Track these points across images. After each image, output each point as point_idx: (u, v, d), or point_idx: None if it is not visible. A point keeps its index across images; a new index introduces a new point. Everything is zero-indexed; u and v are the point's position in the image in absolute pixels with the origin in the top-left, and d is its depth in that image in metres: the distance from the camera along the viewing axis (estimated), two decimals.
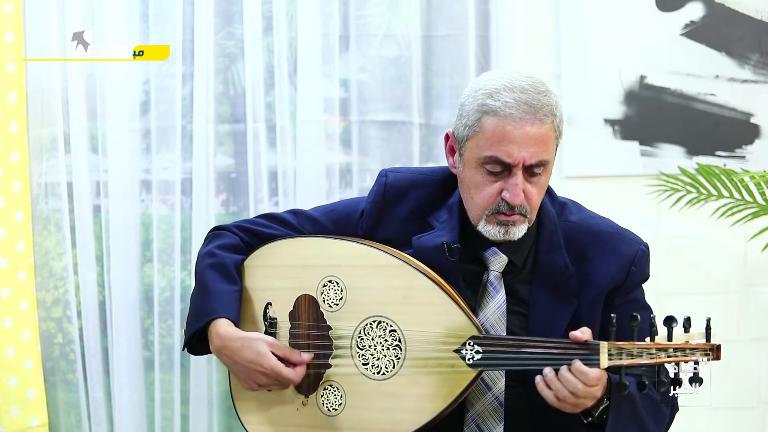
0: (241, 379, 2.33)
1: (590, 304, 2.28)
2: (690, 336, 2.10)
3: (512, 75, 2.23)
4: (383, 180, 2.40)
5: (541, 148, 2.19)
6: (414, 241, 2.31)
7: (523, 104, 2.18)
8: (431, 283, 2.23)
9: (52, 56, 3.12)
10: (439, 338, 2.21)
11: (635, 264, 2.31)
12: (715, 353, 2.08)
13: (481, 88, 2.22)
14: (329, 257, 2.33)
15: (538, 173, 2.22)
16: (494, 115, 2.19)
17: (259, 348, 2.28)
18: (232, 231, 2.45)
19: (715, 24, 3.45)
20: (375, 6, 3.31)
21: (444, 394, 2.20)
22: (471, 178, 2.25)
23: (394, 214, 2.37)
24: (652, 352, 2.08)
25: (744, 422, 3.53)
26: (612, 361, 2.09)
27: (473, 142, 2.23)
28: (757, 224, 3.22)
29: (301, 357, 2.31)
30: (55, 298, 3.18)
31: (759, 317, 3.51)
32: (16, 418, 3.06)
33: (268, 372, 2.28)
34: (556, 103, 2.23)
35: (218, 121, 3.26)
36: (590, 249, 2.30)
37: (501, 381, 2.26)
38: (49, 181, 3.17)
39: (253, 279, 2.40)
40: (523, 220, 2.24)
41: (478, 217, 2.26)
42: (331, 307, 2.32)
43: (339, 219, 2.43)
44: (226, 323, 2.32)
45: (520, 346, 2.16)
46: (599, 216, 2.38)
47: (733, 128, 3.48)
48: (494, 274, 2.30)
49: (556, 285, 2.28)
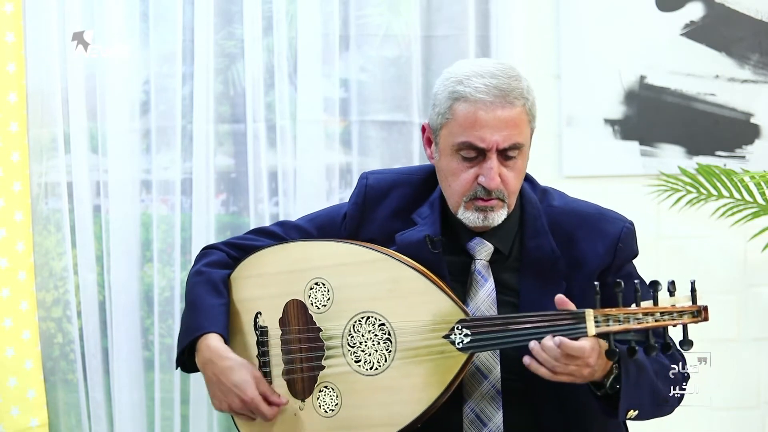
0: (215, 397, 2.35)
1: (582, 286, 2.27)
2: (676, 300, 2.11)
3: (482, 62, 2.25)
4: (364, 182, 2.41)
5: (514, 131, 2.20)
6: (397, 238, 2.32)
7: (494, 88, 2.19)
8: (415, 272, 2.24)
9: (52, 56, 3.12)
10: (427, 326, 2.21)
11: (621, 241, 2.31)
12: (703, 314, 2.10)
13: (452, 76, 2.24)
14: (313, 260, 2.33)
15: (513, 156, 2.22)
16: (465, 100, 2.20)
17: (246, 376, 2.30)
18: (219, 248, 2.47)
19: (715, 24, 3.45)
20: (375, 6, 3.31)
21: (437, 381, 2.20)
22: (447, 165, 2.26)
23: (376, 214, 2.38)
24: (639, 316, 2.09)
25: (744, 422, 3.53)
26: (599, 328, 2.09)
27: (446, 130, 2.24)
28: (757, 224, 3.22)
29: (279, 399, 2.33)
30: (55, 298, 3.18)
31: (759, 317, 3.51)
32: (16, 418, 3.06)
33: (248, 401, 2.30)
34: (528, 87, 2.24)
35: (218, 121, 3.26)
36: (576, 231, 2.31)
37: (497, 368, 2.27)
38: (49, 181, 3.17)
39: (240, 290, 2.41)
40: (501, 204, 2.25)
41: (456, 204, 2.27)
42: (320, 308, 2.32)
43: (323, 224, 2.44)
44: (216, 338, 2.33)
45: (507, 323, 2.16)
46: (581, 200, 2.39)
47: (733, 128, 3.47)
48: (481, 263, 2.30)
49: (544, 270, 2.29)
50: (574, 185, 3.30)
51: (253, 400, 2.30)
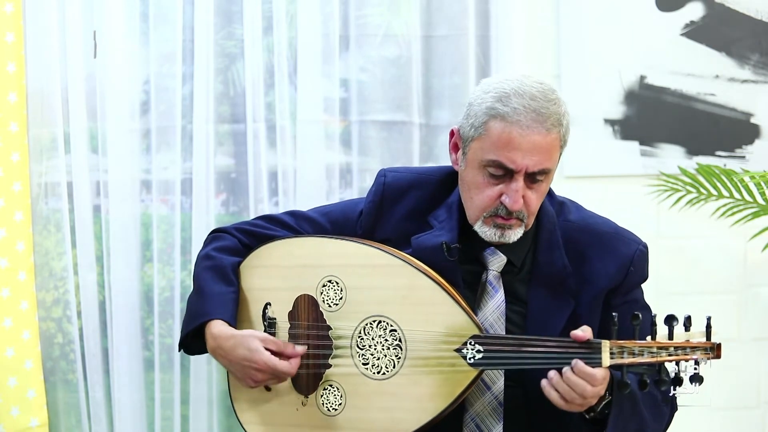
0: (239, 378, 2.34)
1: (589, 305, 2.28)
2: (690, 335, 2.11)
3: (523, 80, 2.22)
4: (382, 180, 2.40)
5: (545, 156, 2.20)
6: (413, 241, 2.31)
7: (532, 112, 2.18)
8: (432, 282, 2.23)
9: (52, 56, 3.12)
10: (439, 338, 2.21)
11: (633, 264, 2.31)
12: (716, 352, 2.10)
13: (491, 91, 2.22)
14: (328, 257, 2.33)
15: (540, 180, 2.23)
16: (502, 119, 2.19)
17: (251, 344, 2.28)
18: (231, 233, 2.45)
19: (715, 24, 3.45)
20: (375, 6, 3.31)
21: (445, 393, 2.20)
22: (472, 178, 2.25)
23: (392, 213, 2.37)
24: (653, 350, 2.09)
25: (744, 422, 3.53)
26: (614, 360, 2.09)
27: (478, 144, 2.23)
28: (757, 224, 3.22)
29: (295, 349, 2.31)
30: (55, 298, 3.18)
31: (759, 317, 3.51)
32: (16, 418, 3.06)
33: (263, 367, 2.28)
34: (564, 111, 2.23)
35: (218, 121, 3.26)
36: (589, 249, 2.31)
37: (500, 380, 2.27)
38: (49, 181, 3.17)
39: (251, 279, 2.40)
40: (519, 224, 2.25)
41: (475, 217, 2.26)
42: (331, 307, 2.31)
43: (337, 219, 2.43)
44: (220, 324, 2.32)
45: (521, 345, 2.16)
46: (598, 216, 2.39)
47: (733, 128, 3.48)
48: (493, 274, 2.30)
49: (555, 285, 2.29)
50: (574, 185, 3.31)
51: (266, 363, 2.28)
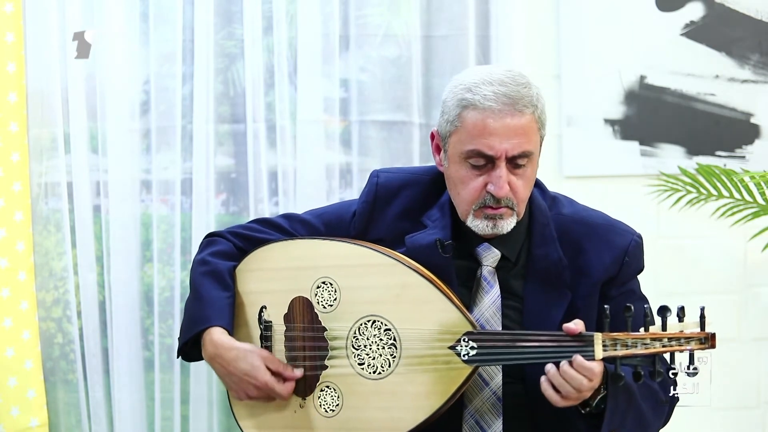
0: (232, 389, 2.35)
1: (586, 297, 2.28)
2: (684, 325, 2.11)
3: (491, 69, 2.25)
4: (374, 180, 2.41)
5: (523, 139, 2.20)
6: (407, 240, 2.32)
7: (503, 96, 2.18)
8: (424, 280, 2.24)
9: (52, 56, 3.12)
10: (433, 335, 2.21)
11: (629, 255, 2.31)
12: (710, 341, 2.09)
13: (461, 83, 2.24)
14: (322, 258, 2.33)
15: (523, 164, 2.22)
16: (474, 108, 2.20)
17: (254, 361, 2.30)
18: (226, 237, 2.46)
19: (715, 24, 3.45)
20: (375, 6, 3.31)
21: (440, 391, 2.20)
22: (456, 173, 2.26)
23: (386, 213, 2.37)
24: (646, 342, 2.09)
25: (744, 422, 3.53)
26: (607, 352, 2.09)
27: (455, 138, 2.24)
28: (757, 224, 3.22)
29: (293, 373, 2.33)
30: (55, 298, 3.18)
31: (759, 317, 3.51)
32: (16, 418, 3.06)
33: (261, 386, 2.30)
34: (537, 94, 2.23)
35: (218, 121, 3.26)
36: (583, 241, 2.31)
37: (498, 376, 2.27)
38: (49, 181, 3.17)
39: (247, 283, 2.41)
40: (510, 213, 2.24)
41: (465, 212, 2.26)
42: (326, 308, 2.32)
43: (331, 221, 2.43)
44: (219, 331, 2.33)
45: (514, 340, 2.17)
46: (591, 209, 2.39)
47: (733, 128, 3.48)
48: (488, 269, 2.30)
49: (550, 278, 2.29)
50: (574, 185, 3.31)
51: (266, 383, 2.30)
